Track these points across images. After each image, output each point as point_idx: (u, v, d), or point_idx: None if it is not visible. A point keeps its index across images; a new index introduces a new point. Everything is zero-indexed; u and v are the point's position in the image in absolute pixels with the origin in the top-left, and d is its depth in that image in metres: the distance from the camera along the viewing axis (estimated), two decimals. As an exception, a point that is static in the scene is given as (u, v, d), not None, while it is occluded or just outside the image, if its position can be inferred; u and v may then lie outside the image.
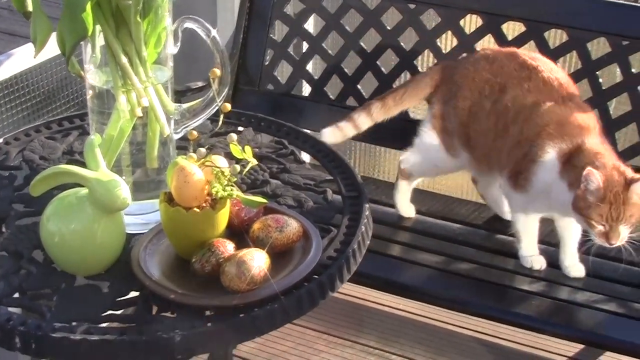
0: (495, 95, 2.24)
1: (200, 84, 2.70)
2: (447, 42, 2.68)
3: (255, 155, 1.52)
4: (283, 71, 2.94)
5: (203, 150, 1.49)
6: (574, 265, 2.27)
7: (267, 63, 2.81)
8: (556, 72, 2.22)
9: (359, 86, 2.73)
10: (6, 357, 2.32)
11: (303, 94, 2.98)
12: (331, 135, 2.42)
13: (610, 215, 2.01)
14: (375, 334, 2.90)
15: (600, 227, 2.04)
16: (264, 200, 1.49)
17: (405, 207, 2.50)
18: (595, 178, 1.98)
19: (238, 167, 1.47)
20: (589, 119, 2.14)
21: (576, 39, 2.45)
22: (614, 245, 2.05)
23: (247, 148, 1.49)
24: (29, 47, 2.23)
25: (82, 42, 1.55)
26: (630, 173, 2.03)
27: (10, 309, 1.44)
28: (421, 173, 2.50)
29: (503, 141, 2.22)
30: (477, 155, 2.32)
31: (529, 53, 2.29)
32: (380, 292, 2.75)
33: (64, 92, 2.45)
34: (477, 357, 2.81)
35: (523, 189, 2.20)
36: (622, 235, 2.03)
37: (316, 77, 2.79)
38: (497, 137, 2.23)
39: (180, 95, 2.46)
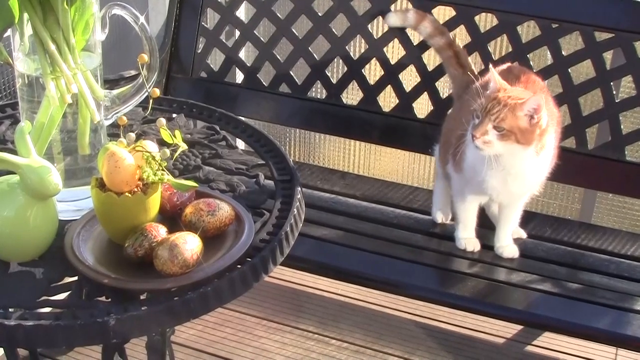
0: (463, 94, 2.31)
1: (133, 72, 2.69)
2: (378, 28, 2.71)
3: (187, 141, 1.54)
4: (216, 59, 2.94)
5: (132, 135, 1.50)
6: (507, 246, 2.31)
7: (199, 51, 2.82)
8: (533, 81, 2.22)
9: (291, 72, 2.74)
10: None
11: (236, 81, 2.98)
12: (395, 18, 2.51)
13: (486, 107, 2.01)
14: (314, 319, 2.92)
15: (475, 120, 2.04)
16: (195, 184, 1.51)
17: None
18: (495, 76, 2.05)
19: (168, 152, 1.48)
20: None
21: (506, 22, 2.48)
22: (476, 142, 2.01)
23: (177, 132, 1.50)
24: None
25: (9, 30, 1.54)
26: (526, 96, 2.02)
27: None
28: None
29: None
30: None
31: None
32: (318, 277, 2.79)
33: (-5, 82, 2.44)
34: (416, 340, 2.84)
35: (459, 168, 2.23)
36: (487, 138, 2.00)
37: (249, 64, 2.80)
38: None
39: (113, 84, 2.46)
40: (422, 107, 2.68)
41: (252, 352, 2.78)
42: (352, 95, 2.78)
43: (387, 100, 2.71)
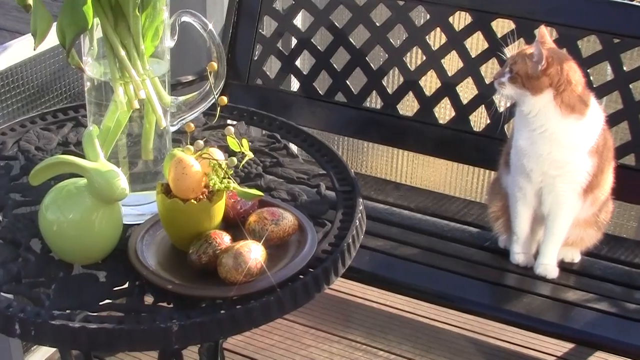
0: None
1: (190, 77, 2.72)
2: (436, 39, 2.70)
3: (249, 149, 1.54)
4: (272, 66, 2.95)
5: (201, 142, 1.51)
6: (548, 265, 2.27)
7: (256, 58, 2.83)
8: None
9: (347, 82, 2.74)
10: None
11: (292, 89, 2.99)
12: None
13: (513, 57, 2.15)
14: (362, 330, 2.91)
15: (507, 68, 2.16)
16: (260, 193, 1.51)
17: None
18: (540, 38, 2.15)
19: (235, 160, 1.49)
20: None
21: (566, 36, 2.46)
22: (494, 82, 2.18)
23: (244, 141, 1.51)
24: (24, 39, 2.25)
25: (80, 35, 1.56)
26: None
27: (8, 296, 1.45)
28: None
29: None
30: None
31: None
32: (368, 287, 2.79)
33: (57, 85, 2.46)
34: (465, 354, 2.82)
35: (507, 160, 2.26)
36: (501, 79, 2.15)
37: (305, 73, 2.81)
38: None
39: (170, 89, 2.47)
40: (479, 120, 2.67)
41: (300, 361, 2.78)
42: (407, 106, 2.77)
43: (443, 111, 2.70)
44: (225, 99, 1.58)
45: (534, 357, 2.81)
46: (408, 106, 2.76)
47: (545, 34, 2.16)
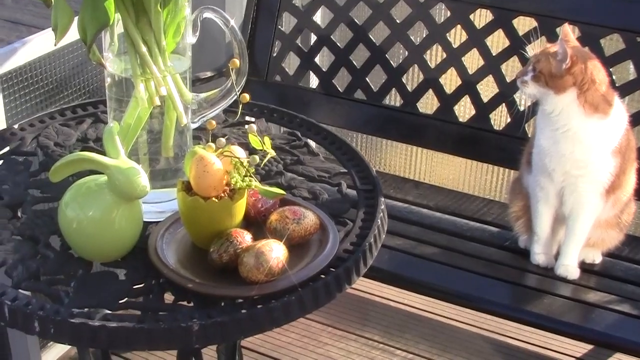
0: None
1: (209, 73, 2.70)
2: (457, 36, 2.68)
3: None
4: (290, 63, 2.94)
5: (223, 140, 1.49)
6: (569, 266, 2.25)
7: (274, 54, 2.82)
8: None
9: (367, 79, 2.73)
10: (16, 341, 2.33)
11: (311, 86, 2.97)
12: None
13: (536, 55, 2.15)
14: (379, 328, 2.90)
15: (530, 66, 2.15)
16: (282, 192, 1.49)
17: None
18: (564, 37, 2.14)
19: (257, 158, 1.47)
20: None
21: (589, 34, 2.44)
22: (517, 81, 2.17)
23: (266, 139, 1.49)
24: (43, 34, 2.24)
25: (101, 30, 1.54)
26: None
27: (27, 292, 1.44)
28: None
29: None
30: None
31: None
32: (385, 285, 2.76)
33: (76, 80, 2.45)
34: (483, 354, 2.80)
35: (529, 160, 2.25)
36: (524, 78, 2.14)
37: (324, 70, 2.79)
38: None
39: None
40: (499, 118, 2.65)
41: (316, 359, 2.76)
42: (427, 104, 2.75)
43: (463, 110, 2.69)
44: (247, 97, 1.56)
45: (552, 358, 2.79)
46: (428, 104, 2.74)
47: (569, 33, 2.14)
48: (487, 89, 2.66)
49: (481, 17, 2.63)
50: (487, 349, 2.84)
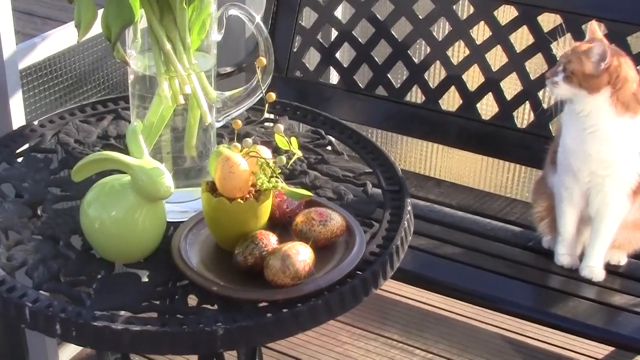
0: None
1: (229, 69, 2.68)
2: (481, 32, 2.64)
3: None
4: (311, 58, 2.91)
5: (249, 140, 1.46)
6: (594, 268, 2.22)
7: (295, 50, 2.79)
8: None
9: (389, 75, 2.70)
10: (34, 336, 2.31)
11: (331, 81, 2.94)
12: None
13: (565, 55, 2.09)
14: (398, 327, 2.87)
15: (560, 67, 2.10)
16: (309, 193, 1.46)
17: None
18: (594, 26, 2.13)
19: (284, 159, 1.44)
20: None
21: (615, 31, 2.40)
22: (547, 82, 2.12)
23: (293, 139, 1.46)
24: (63, 29, 2.21)
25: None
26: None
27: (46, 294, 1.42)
28: None
29: None
30: None
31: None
32: (404, 284, 2.73)
33: (96, 75, 2.43)
34: (503, 354, 2.77)
35: (554, 159, 2.21)
36: (555, 78, 2.09)
37: (345, 65, 2.76)
38: None
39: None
40: (523, 116, 2.61)
41: (335, 358, 2.74)
42: (449, 101, 2.72)
43: (486, 107, 2.65)
44: (273, 95, 1.53)
45: (574, 359, 2.76)
46: (450, 101, 2.71)
47: (597, 30, 2.11)
48: (511, 86, 2.63)
49: (505, 13, 2.59)
50: (507, 348, 2.81)
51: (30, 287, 1.42)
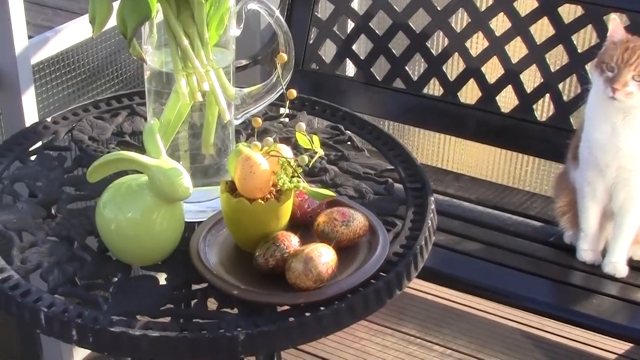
0: None
1: (244, 62, 2.64)
2: (500, 24, 2.59)
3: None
4: (326, 50, 2.86)
5: (270, 139, 1.42)
6: (617, 264, 2.18)
7: (311, 42, 2.74)
8: None
9: (406, 68, 2.65)
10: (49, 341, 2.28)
11: (347, 74, 2.90)
12: None
13: (621, 58, 1.99)
14: (416, 323, 2.83)
15: (608, 73, 2.00)
16: (332, 193, 1.42)
17: None
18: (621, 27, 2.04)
19: (306, 159, 1.40)
20: None
21: (637, 23, 2.35)
22: (617, 95, 1.99)
23: (315, 138, 1.42)
24: (75, 23, 2.17)
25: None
26: None
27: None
28: None
29: None
30: None
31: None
32: (423, 280, 2.69)
33: (109, 69, 2.39)
34: (523, 350, 2.73)
35: (574, 158, 2.17)
36: (628, 89, 1.98)
37: (362, 58, 2.72)
38: None
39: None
40: (543, 109, 2.57)
41: (353, 354, 2.70)
42: (468, 94, 2.67)
43: (505, 100, 2.61)
44: (294, 92, 1.49)
45: (595, 355, 2.72)
46: (469, 94, 2.66)
47: (620, 26, 2.06)
48: (531, 78, 2.58)
49: (525, 4, 2.54)
50: (527, 344, 2.77)
51: (45, 291, 1.38)
